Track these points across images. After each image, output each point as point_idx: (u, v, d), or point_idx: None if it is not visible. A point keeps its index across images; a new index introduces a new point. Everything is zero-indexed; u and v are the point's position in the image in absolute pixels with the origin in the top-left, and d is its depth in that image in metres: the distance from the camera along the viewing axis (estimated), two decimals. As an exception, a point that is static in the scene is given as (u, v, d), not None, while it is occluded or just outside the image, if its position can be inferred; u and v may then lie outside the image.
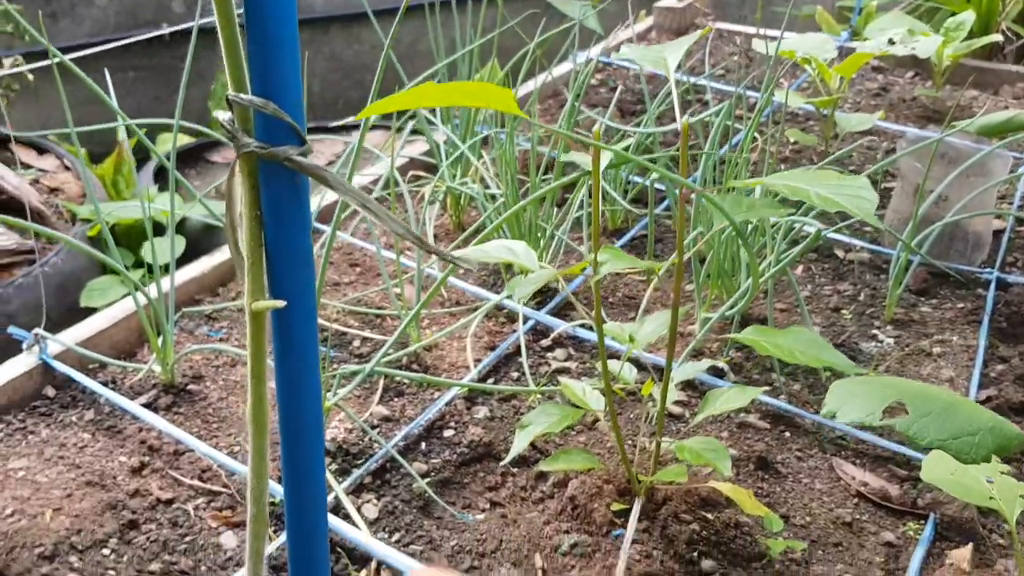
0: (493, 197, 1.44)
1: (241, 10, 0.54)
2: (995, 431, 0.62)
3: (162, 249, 1.53)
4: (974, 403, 0.65)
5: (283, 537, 0.94)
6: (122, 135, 1.95)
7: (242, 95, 0.55)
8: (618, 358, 1.09)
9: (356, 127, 2.25)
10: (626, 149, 1.51)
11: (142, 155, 2.79)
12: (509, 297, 1.29)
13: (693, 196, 1.27)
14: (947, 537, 0.94)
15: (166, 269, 1.22)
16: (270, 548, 0.92)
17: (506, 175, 1.30)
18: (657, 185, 1.53)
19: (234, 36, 0.55)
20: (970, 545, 0.91)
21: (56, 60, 1.05)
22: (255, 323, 0.58)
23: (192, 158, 2.31)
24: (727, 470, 0.81)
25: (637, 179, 1.57)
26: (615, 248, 0.76)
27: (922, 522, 0.95)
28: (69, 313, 1.65)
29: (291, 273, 0.58)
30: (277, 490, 0.97)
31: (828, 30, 2.20)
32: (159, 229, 1.83)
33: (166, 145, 2.33)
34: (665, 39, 2.26)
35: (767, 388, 1.12)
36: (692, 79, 1.78)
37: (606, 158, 0.87)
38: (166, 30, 2.83)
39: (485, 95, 0.66)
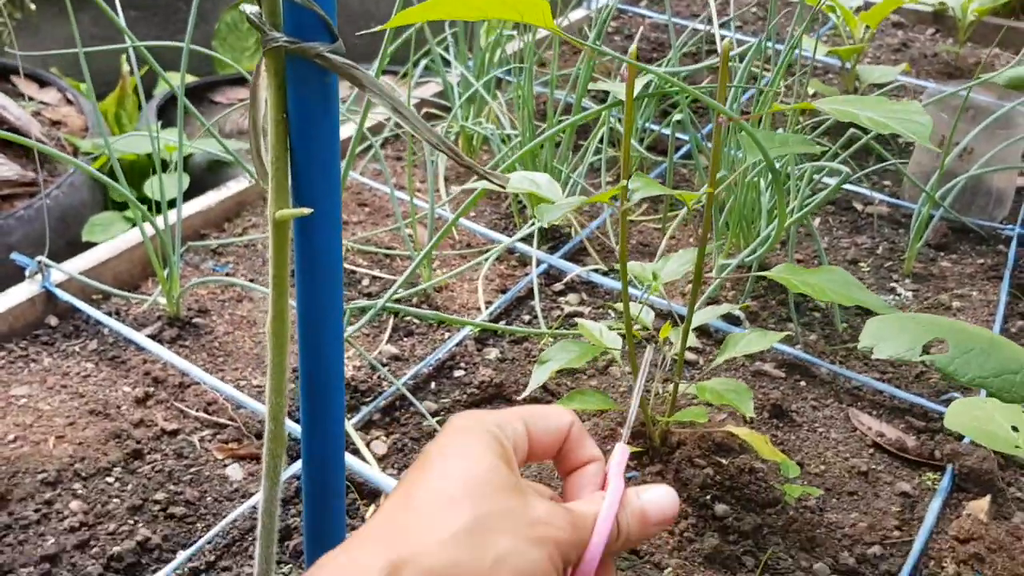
0: (508, 138, 1.41)
1: None
2: (1037, 370, 0.60)
3: (167, 184, 1.50)
4: (1016, 344, 0.64)
5: (292, 469, 0.92)
6: (126, 68, 1.90)
7: (271, -14, 0.52)
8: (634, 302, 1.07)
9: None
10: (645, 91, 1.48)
11: (144, 94, 2.73)
12: (522, 240, 1.26)
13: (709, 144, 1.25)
14: (965, 488, 0.92)
15: (171, 205, 1.19)
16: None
17: (523, 114, 1.27)
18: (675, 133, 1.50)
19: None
20: (988, 496, 0.90)
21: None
22: (278, 233, 0.56)
23: (195, 98, 2.26)
24: (750, 410, 0.80)
25: (653, 127, 1.53)
26: (645, 176, 0.73)
27: (939, 473, 0.94)
28: (69, 247, 1.63)
29: (317, 180, 0.55)
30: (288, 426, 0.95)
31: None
32: (163, 168, 1.79)
33: (171, 84, 2.28)
34: (682, -11, 2.21)
35: (786, 334, 1.10)
36: (708, 28, 1.74)
37: (639, 86, 0.83)
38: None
39: (518, 6, 0.63)
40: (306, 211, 0.54)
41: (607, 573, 0.49)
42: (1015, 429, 0.81)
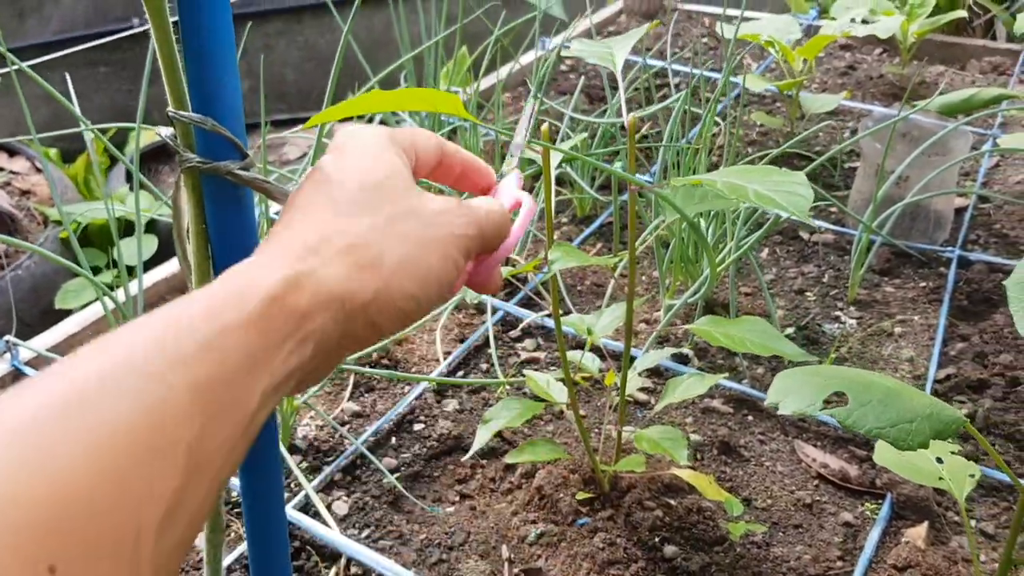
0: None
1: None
2: (932, 417, 0.63)
3: (133, 250, 1.53)
4: (914, 389, 0.67)
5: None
6: (89, 135, 1.94)
7: (181, 112, 0.55)
8: (583, 347, 1.11)
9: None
10: (593, 136, 1.52)
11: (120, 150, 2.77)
12: (478, 289, 1.30)
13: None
14: (903, 516, 0.96)
15: (145, 266, 1.22)
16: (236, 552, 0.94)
17: (471, 168, 1.31)
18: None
19: (172, 52, 0.56)
20: (925, 523, 0.94)
21: (15, 68, 1.05)
22: (205, 335, 0.59)
23: (166, 154, 2.31)
24: (683, 459, 0.83)
25: (606, 164, 1.57)
26: (567, 245, 0.77)
27: (879, 502, 0.97)
28: (44, 315, 1.66)
29: (238, 285, 0.59)
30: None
31: (796, 8, 2.21)
32: (133, 229, 1.83)
33: (144, 139, 2.32)
34: (634, 23, 2.26)
35: (729, 373, 1.14)
36: (660, 63, 1.79)
37: (559, 155, 0.88)
38: (137, 28, 2.81)
39: (432, 100, 0.67)
40: (227, 316, 0.57)
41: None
42: (940, 461, 0.85)
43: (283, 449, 1.03)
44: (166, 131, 0.57)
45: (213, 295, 0.39)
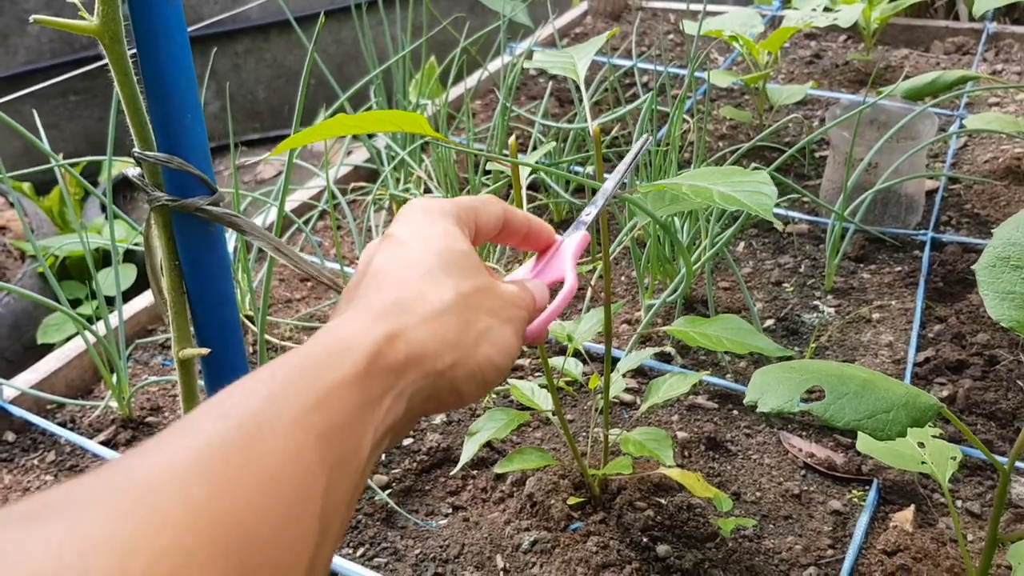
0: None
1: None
2: (908, 405, 0.64)
3: (111, 281, 1.53)
4: (889, 378, 0.68)
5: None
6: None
7: (147, 152, 0.56)
8: (565, 352, 1.11)
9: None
10: (564, 140, 1.53)
11: (95, 178, 2.77)
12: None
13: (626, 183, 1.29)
14: (890, 500, 0.97)
15: (124, 297, 1.22)
16: None
17: (445, 180, 1.32)
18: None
19: (134, 94, 0.56)
20: (912, 507, 0.95)
21: (-20, 108, 1.05)
22: (184, 370, 0.60)
23: (140, 181, 2.30)
24: (669, 459, 0.84)
25: (580, 168, 1.58)
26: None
27: (866, 488, 0.99)
28: (27, 351, 1.65)
29: (215, 318, 0.59)
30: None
31: (760, 0, 2.22)
32: (111, 260, 1.82)
33: (117, 169, 2.31)
34: (600, 23, 2.27)
35: (712, 370, 1.15)
36: (626, 62, 1.80)
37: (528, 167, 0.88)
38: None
39: (398, 121, 0.67)
40: (205, 351, 0.58)
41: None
42: (921, 445, 0.86)
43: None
44: (133, 171, 0.58)
45: (315, 355, 0.40)
